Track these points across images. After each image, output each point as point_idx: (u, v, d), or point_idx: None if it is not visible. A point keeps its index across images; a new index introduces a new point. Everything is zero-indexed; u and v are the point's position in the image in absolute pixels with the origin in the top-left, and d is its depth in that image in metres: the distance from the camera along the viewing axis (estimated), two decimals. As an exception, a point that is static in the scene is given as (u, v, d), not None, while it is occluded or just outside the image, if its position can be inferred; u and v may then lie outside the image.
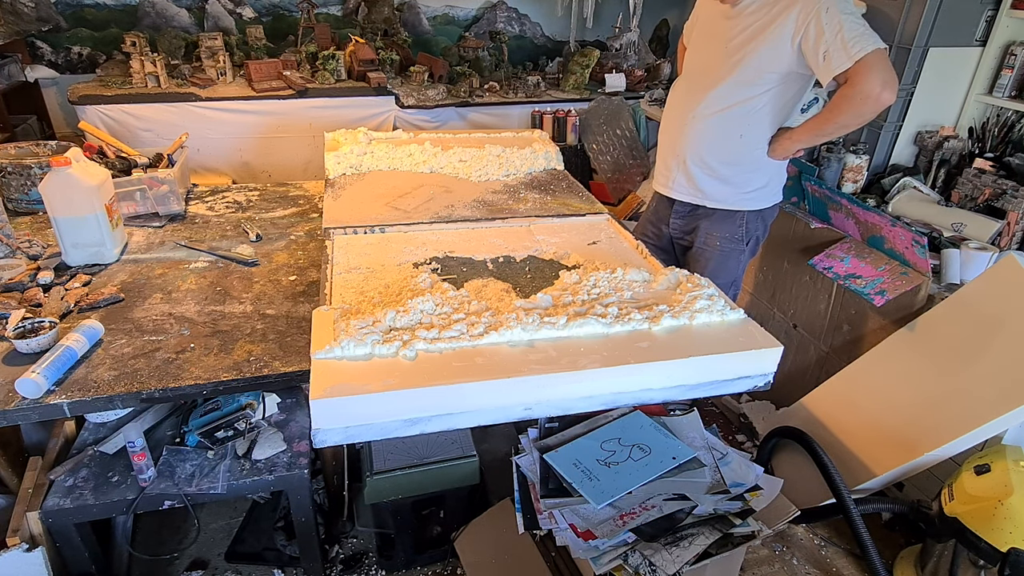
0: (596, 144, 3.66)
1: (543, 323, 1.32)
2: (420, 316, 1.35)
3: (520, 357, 1.25)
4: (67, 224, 1.75)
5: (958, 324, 1.96)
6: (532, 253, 1.76)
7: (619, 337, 1.33)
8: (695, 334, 1.35)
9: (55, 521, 1.51)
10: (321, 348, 1.21)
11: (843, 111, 1.71)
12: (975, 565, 1.69)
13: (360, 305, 1.42)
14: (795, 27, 1.72)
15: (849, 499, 1.84)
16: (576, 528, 1.48)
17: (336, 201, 2.13)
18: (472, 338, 1.28)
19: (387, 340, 1.25)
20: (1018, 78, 2.64)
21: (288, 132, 3.53)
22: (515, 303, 1.42)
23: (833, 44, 1.64)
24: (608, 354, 1.26)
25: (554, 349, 1.27)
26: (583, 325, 1.33)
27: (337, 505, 1.98)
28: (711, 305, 1.40)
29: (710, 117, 1.94)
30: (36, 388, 1.28)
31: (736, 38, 1.84)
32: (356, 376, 1.16)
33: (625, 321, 1.35)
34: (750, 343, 1.33)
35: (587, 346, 1.29)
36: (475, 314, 1.37)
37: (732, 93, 1.89)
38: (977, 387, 1.83)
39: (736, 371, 1.32)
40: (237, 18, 4.06)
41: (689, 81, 2.04)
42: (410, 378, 1.17)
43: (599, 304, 1.42)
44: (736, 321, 1.40)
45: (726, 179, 2.00)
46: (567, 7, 4.55)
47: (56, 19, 3.76)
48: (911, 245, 2.10)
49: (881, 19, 2.81)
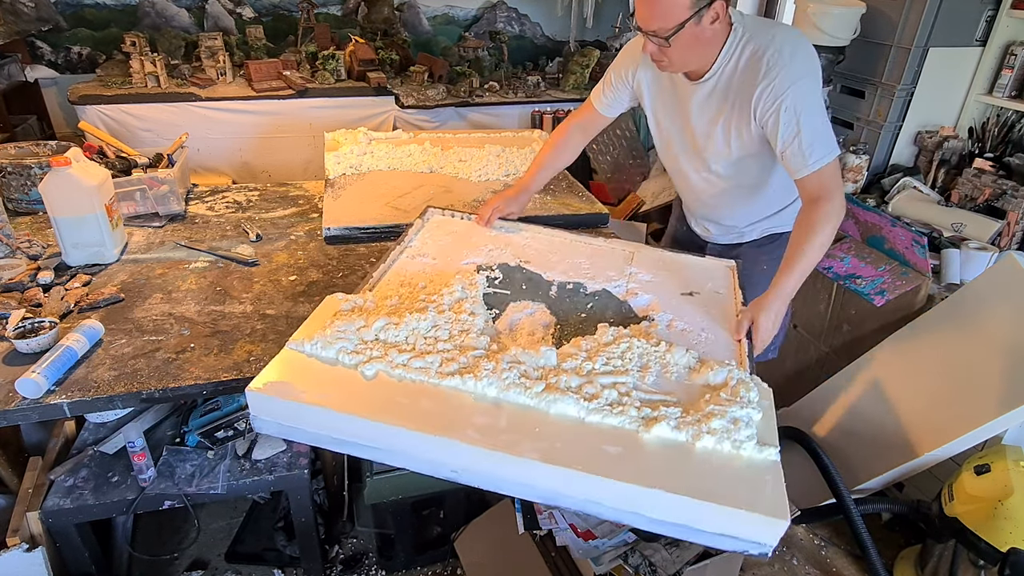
0: (596, 144, 3.66)
1: (518, 383, 1.16)
2: (407, 334, 1.27)
3: (467, 414, 1.11)
4: (67, 224, 1.75)
5: (958, 324, 1.96)
6: (609, 287, 1.57)
7: (592, 428, 1.10)
8: (690, 459, 1.06)
9: (55, 521, 1.51)
10: (297, 339, 1.23)
11: (824, 231, 1.43)
12: (975, 565, 1.69)
13: (383, 301, 1.39)
14: (755, 120, 1.52)
15: (849, 499, 1.84)
16: (576, 528, 1.48)
17: (336, 201, 2.13)
18: (439, 375, 1.17)
19: (356, 351, 1.20)
20: (1018, 78, 2.64)
21: (288, 132, 3.53)
22: (540, 349, 1.25)
23: (791, 147, 1.44)
24: (562, 446, 1.06)
25: (510, 418, 1.11)
26: (556, 401, 1.13)
27: (337, 505, 1.98)
28: (733, 431, 1.09)
29: (729, 191, 1.74)
30: (36, 388, 1.28)
31: (701, 126, 1.63)
32: (308, 379, 1.16)
33: (615, 412, 1.12)
34: (752, 502, 0.99)
35: (549, 428, 1.09)
36: (461, 349, 1.24)
37: (733, 169, 1.68)
38: (977, 387, 1.83)
39: (719, 526, 1.01)
40: (237, 18, 4.06)
41: (681, 154, 1.77)
42: (351, 400, 1.11)
43: (602, 379, 1.19)
44: (753, 463, 1.06)
45: (766, 217, 1.82)
46: (567, 7, 4.55)
47: (56, 19, 3.76)
48: (911, 245, 2.10)
49: (881, 19, 2.81)
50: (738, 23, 1.50)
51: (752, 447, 1.07)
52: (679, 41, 1.42)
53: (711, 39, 1.47)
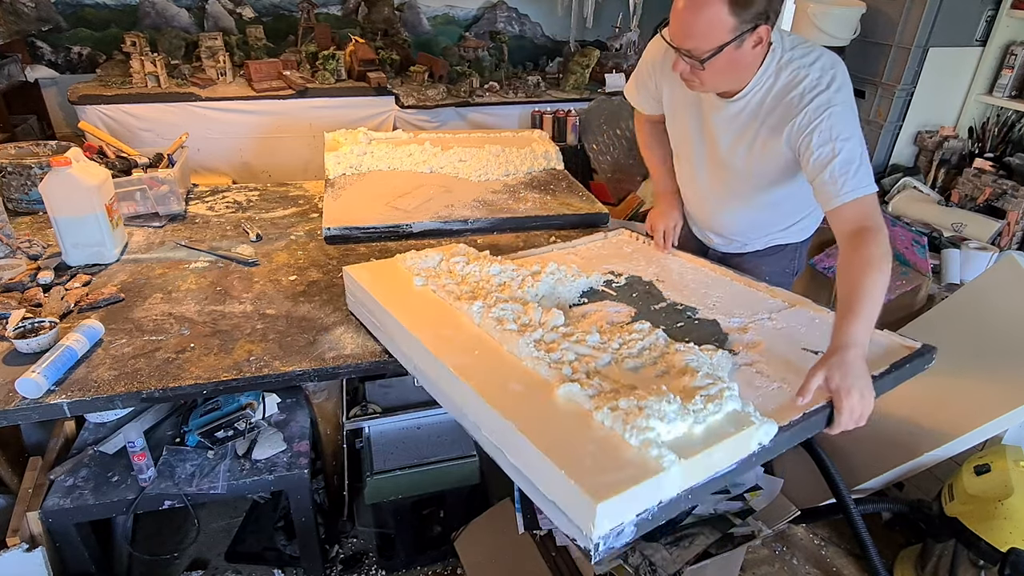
0: (596, 144, 3.66)
1: (498, 319, 1.26)
2: (471, 272, 1.50)
3: (440, 326, 1.29)
4: (67, 224, 1.75)
5: (958, 324, 1.96)
6: (720, 319, 1.44)
7: (519, 369, 1.14)
8: (576, 424, 1.01)
9: (55, 521, 1.51)
10: (405, 256, 1.58)
11: (882, 266, 1.24)
12: (975, 565, 1.69)
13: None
14: (786, 145, 1.43)
15: (849, 499, 1.84)
16: (576, 528, 1.48)
17: (336, 201, 2.14)
18: (456, 299, 1.37)
19: (426, 271, 1.51)
20: (1018, 78, 2.64)
21: (288, 132, 3.53)
22: (552, 310, 1.32)
23: (824, 172, 1.32)
24: (478, 369, 1.14)
25: (468, 339, 1.24)
26: (513, 341, 1.20)
27: (337, 505, 1.98)
28: (636, 416, 0.97)
29: (740, 208, 1.67)
30: (36, 388, 1.28)
31: (724, 144, 1.54)
32: (384, 275, 1.51)
33: (552, 365, 1.13)
34: (582, 476, 0.88)
35: (489, 356, 1.19)
36: (524, 304, 1.35)
37: (750, 188, 1.59)
38: (977, 387, 1.83)
39: (550, 490, 0.94)
40: (237, 18, 4.06)
41: (697, 168, 1.68)
42: (391, 296, 1.41)
43: (578, 347, 1.21)
44: (637, 455, 0.93)
45: (773, 232, 1.76)
46: (567, 7, 4.55)
47: (56, 19, 3.76)
48: (911, 245, 2.10)
49: (881, 19, 2.81)
50: (777, 44, 1.39)
51: (641, 440, 0.94)
52: (715, 65, 1.30)
53: (750, 63, 1.36)
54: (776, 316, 1.45)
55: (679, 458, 0.92)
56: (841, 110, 1.33)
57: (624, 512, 0.89)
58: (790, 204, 1.64)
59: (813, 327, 1.41)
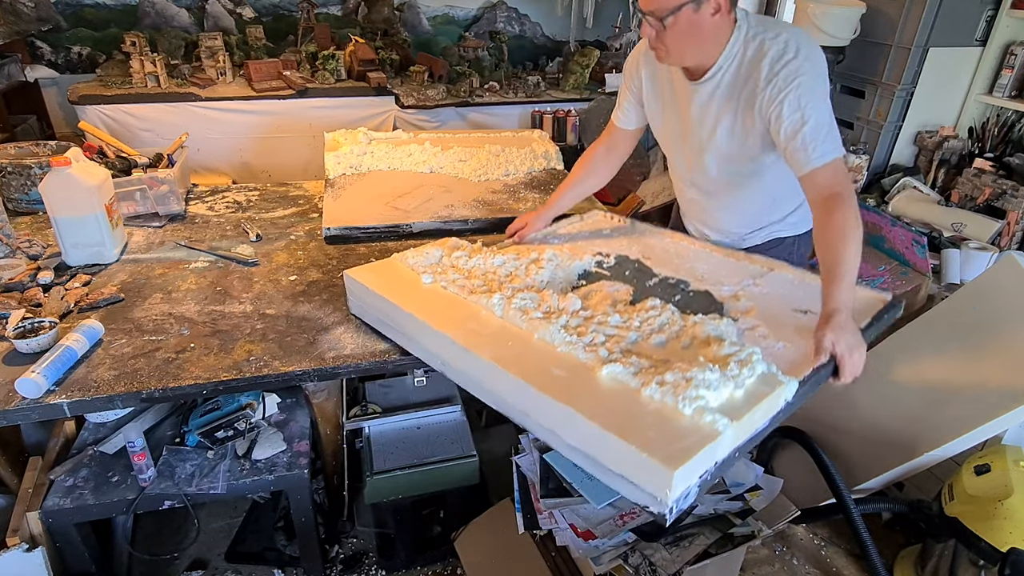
0: (596, 144, 3.66)
1: (521, 309, 1.30)
2: (475, 264, 1.52)
3: (466, 320, 1.31)
4: (67, 224, 1.75)
5: (958, 324, 1.96)
6: (712, 289, 1.50)
7: (557, 356, 1.19)
8: (627, 400, 1.07)
9: (55, 521, 1.51)
10: (404, 254, 1.58)
11: (855, 231, 1.30)
12: (975, 565, 1.69)
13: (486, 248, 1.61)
14: (759, 117, 1.47)
15: (849, 499, 1.84)
16: (576, 528, 1.48)
17: (336, 201, 2.14)
18: (470, 292, 1.38)
19: (431, 268, 1.51)
20: (1018, 78, 2.64)
21: (288, 132, 3.53)
22: (568, 295, 1.38)
23: (795, 140, 1.38)
24: (517, 359, 1.17)
25: (498, 332, 1.27)
26: (542, 328, 1.24)
27: (337, 505, 1.98)
28: (684, 388, 1.05)
29: (729, 197, 1.70)
30: (36, 388, 1.28)
31: (703, 129, 1.58)
32: (388, 275, 1.50)
33: (587, 348, 1.18)
34: (651, 446, 0.95)
35: (522, 346, 1.21)
36: (509, 285, 1.41)
37: (735, 174, 1.63)
38: (977, 387, 1.83)
39: (617, 464, 1.01)
40: (237, 18, 4.06)
41: (680, 159, 1.74)
42: (402, 294, 1.41)
43: (606, 330, 1.26)
44: (692, 423, 1.01)
45: (769, 224, 1.76)
46: (567, 7, 4.55)
47: (56, 19, 3.76)
48: (911, 245, 2.10)
49: (881, 19, 2.81)
50: (743, 21, 1.46)
51: (694, 409, 1.02)
52: (676, 27, 1.39)
53: (711, 33, 1.43)
54: (760, 281, 1.54)
55: (731, 421, 1.01)
56: (809, 79, 1.39)
57: (691, 475, 0.98)
58: (780, 189, 1.67)
59: (795, 288, 1.51)
